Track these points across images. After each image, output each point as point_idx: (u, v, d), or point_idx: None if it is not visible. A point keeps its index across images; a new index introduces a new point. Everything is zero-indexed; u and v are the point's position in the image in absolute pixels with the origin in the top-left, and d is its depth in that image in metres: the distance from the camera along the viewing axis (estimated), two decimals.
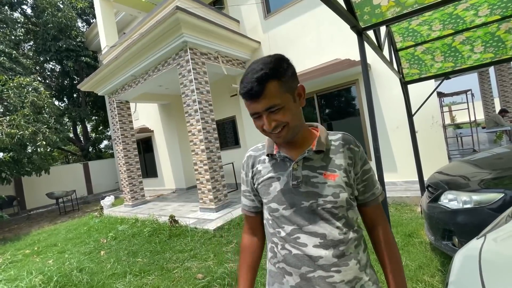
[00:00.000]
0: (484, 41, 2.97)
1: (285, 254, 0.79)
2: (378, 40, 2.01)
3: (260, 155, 0.90)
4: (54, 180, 11.35)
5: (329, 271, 0.74)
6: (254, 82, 0.70)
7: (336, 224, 0.77)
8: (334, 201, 0.76)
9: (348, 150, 0.81)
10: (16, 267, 4.06)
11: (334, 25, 5.43)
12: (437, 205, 2.27)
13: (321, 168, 0.79)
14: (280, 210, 0.80)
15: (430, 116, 4.67)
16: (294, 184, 0.79)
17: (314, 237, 0.76)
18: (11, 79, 8.10)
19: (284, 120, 0.74)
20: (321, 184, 0.77)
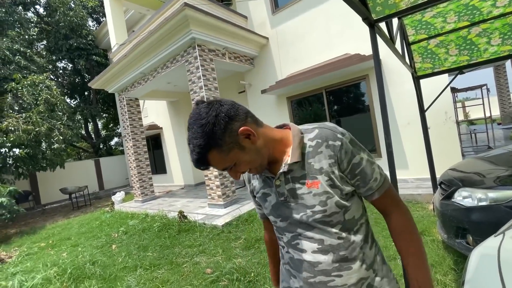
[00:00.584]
0: (502, 33, 2.85)
1: (290, 258, 0.81)
2: (390, 33, 1.96)
3: None
4: (67, 176, 11.66)
5: (329, 276, 0.72)
6: (197, 162, 0.70)
7: (332, 231, 0.73)
8: (323, 209, 0.72)
9: (327, 148, 0.73)
10: (32, 259, 4.20)
11: (344, 19, 5.33)
12: (450, 202, 2.21)
13: (302, 178, 0.74)
14: (278, 222, 0.81)
15: (443, 112, 4.55)
16: (282, 200, 0.77)
17: (312, 242, 0.74)
18: (25, 77, 8.32)
19: (245, 169, 0.74)
20: (306, 194, 0.73)
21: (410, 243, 0.75)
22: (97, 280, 3.07)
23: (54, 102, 8.48)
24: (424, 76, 3.73)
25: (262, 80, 6.79)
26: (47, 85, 8.69)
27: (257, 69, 6.92)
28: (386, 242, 2.87)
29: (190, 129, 0.70)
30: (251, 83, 7.07)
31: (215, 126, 0.67)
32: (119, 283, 2.97)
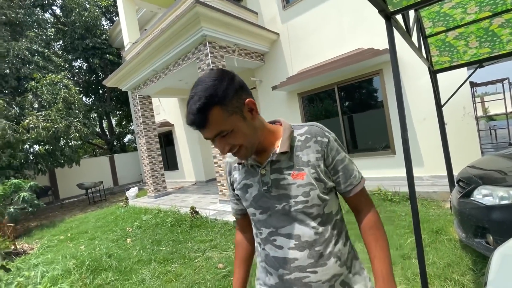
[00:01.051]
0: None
1: (266, 255, 0.81)
2: (407, 25, 1.90)
3: (234, 162, 0.89)
4: (83, 171, 12.06)
5: (305, 272, 0.74)
6: (196, 114, 0.67)
7: (311, 224, 0.76)
8: (305, 200, 0.75)
9: (315, 144, 0.78)
10: (52, 251, 4.39)
11: (356, 13, 5.21)
12: (469, 200, 2.14)
13: (288, 169, 0.77)
14: (257, 215, 0.81)
15: (461, 107, 4.38)
16: (265, 189, 0.78)
17: (289, 239, 0.76)
18: (44, 76, 8.62)
19: (237, 143, 0.72)
20: (290, 185, 0.76)
21: (378, 238, 0.80)
22: (114, 272, 3.18)
23: (72, 100, 8.76)
24: (441, 70, 3.60)
25: (272, 76, 6.75)
26: (65, 84, 8.98)
27: (268, 65, 6.89)
28: (400, 241, 2.82)
29: (201, 83, 0.69)
30: (261, 80, 7.04)
31: (229, 85, 0.69)
32: (134, 275, 3.06)
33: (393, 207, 3.87)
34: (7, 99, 8.09)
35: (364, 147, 5.61)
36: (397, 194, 4.22)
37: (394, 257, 2.52)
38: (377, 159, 5.32)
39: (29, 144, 8.06)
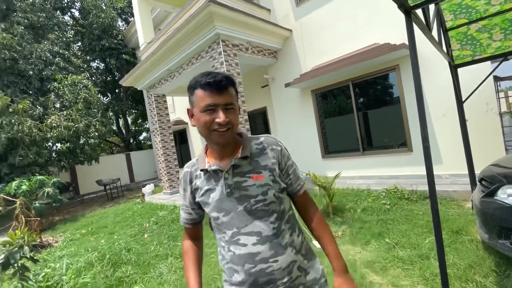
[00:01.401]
0: None
1: (231, 255, 0.88)
2: (427, 19, 1.84)
3: (195, 170, 0.95)
4: (101, 168, 12.51)
5: (268, 263, 0.84)
6: (224, 78, 0.82)
7: (269, 220, 0.87)
8: (263, 199, 0.86)
9: (271, 151, 0.91)
10: (75, 245, 4.61)
11: (372, 7, 5.08)
12: (493, 200, 2.06)
13: (249, 172, 0.88)
14: (220, 218, 0.88)
15: (483, 102, 4.20)
16: (228, 192, 0.87)
17: (251, 236, 0.85)
18: (65, 77, 8.99)
19: (233, 122, 0.84)
20: (250, 186, 0.87)
21: (326, 228, 0.96)
22: (133, 266, 3.30)
23: (91, 100, 9.10)
24: (462, 64, 3.47)
25: (285, 73, 6.71)
26: (85, 85, 9.33)
27: (281, 63, 6.85)
28: (418, 240, 2.75)
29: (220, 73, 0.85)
30: (274, 77, 7.01)
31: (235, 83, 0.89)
32: (152, 269, 3.16)
33: (410, 206, 3.78)
34: (31, 99, 8.49)
35: (379, 144, 5.49)
36: (414, 193, 4.12)
37: (411, 256, 2.48)
38: (393, 156, 5.19)
39: (52, 142, 8.45)
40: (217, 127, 0.81)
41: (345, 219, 3.69)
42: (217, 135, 0.83)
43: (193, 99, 0.85)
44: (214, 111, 0.81)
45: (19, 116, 7.03)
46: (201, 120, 0.82)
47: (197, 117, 0.84)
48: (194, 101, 0.84)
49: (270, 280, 0.84)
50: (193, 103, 0.85)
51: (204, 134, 0.86)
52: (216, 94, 0.80)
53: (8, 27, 8.96)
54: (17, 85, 8.72)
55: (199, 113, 0.82)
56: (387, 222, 3.36)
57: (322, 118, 6.31)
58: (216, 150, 0.91)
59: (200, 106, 0.82)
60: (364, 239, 3.02)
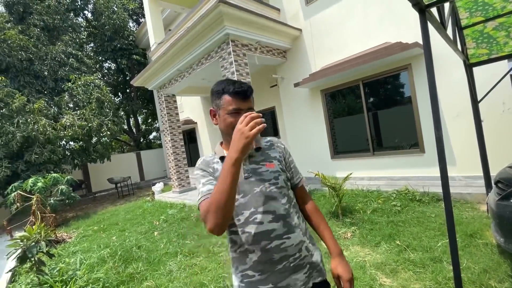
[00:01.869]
0: None
1: (246, 236, 0.95)
2: (442, 18, 1.80)
3: (213, 159, 1.07)
4: (112, 167, 12.77)
5: (282, 239, 0.95)
6: (248, 88, 1.00)
7: (281, 201, 0.99)
8: (276, 182, 1.00)
9: (277, 147, 1.11)
10: (88, 241, 4.73)
11: (383, 5, 5.00)
12: (509, 203, 2.00)
13: (262, 161, 1.04)
14: (239, 199, 0.97)
15: (499, 102, 4.07)
16: (246, 176, 0.99)
17: (267, 214, 0.95)
18: (78, 78, 9.22)
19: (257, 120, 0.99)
20: (264, 172, 1.01)
21: (322, 219, 1.12)
22: (143, 263, 3.36)
23: (104, 100, 9.31)
24: (478, 63, 3.36)
25: (295, 73, 6.68)
26: (97, 85, 9.55)
27: (290, 62, 6.83)
28: (430, 243, 2.70)
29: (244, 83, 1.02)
30: (283, 77, 7.00)
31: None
32: (162, 267, 3.22)
33: (422, 208, 3.70)
34: (46, 99, 8.75)
35: (390, 145, 5.40)
36: (426, 195, 4.03)
37: (423, 259, 2.43)
38: (404, 157, 5.10)
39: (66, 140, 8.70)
40: None
41: (354, 220, 3.65)
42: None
43: (219, 103, 1.00)
44: (238, 114, 0.95)
45: (34, 116, 7.26)
46: (227, 120, 0.98)
47: (222, 118, 1.00)
48: (221, 104, 1.00)
49: (283, 256, 0.95)
50: (219, 106, 1.01)
51: (227, 132, 1.00)
52: (241, 101, 0.98)
53: (24, 29, 9.25)
54: (33, 86, 9.00)
55: (225, 114, 0.98)
56: (397, 224, 3.31)
57: (332, 118, 6.26)
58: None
59: (227, 109, 0.98)
60: (374, 241, 2.98)
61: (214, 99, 1.03)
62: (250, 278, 0.96)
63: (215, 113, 1.04)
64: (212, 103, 1.05)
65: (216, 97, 1.02)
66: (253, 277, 0.96)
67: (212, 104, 1.05)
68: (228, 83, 1.00)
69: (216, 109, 1.03)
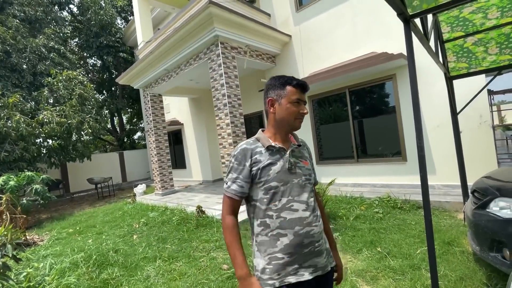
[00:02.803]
0: None
1: (281, 221, 1.06)
2: (425, 29, 1.84)
3: (255, 148, 1.13)
4: (93, 166, 12.29)
5: (311, 226, 1.08)
6: (306, 83, 1.15)
7: (311, 195, 1.15)
8: (309, 178, 1.16)
9: (307, 149, 1.29)
10: (61, 244, 4.47)
11: (371, 16, 5.14)
12: (485, 212, 2.06)
13: (301, 157, 1.19)
14: (279, 187, 1.08)
15: (477, 115, 4.25)
16: (289, 167, 1.11)
17: (302, 203, 1.09)
18: (60, 73, 8.85)
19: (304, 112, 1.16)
20: (302, 167, 1.16)
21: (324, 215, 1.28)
22: (119, 268, 3.20)
23: (87, 96, 8.96)
24: (458, 76, 3.51)
25: None
26: (80, 81, 9.19)
27: (279, 67, 6.86)
28: (409, 250, 2.74)
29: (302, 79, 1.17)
30: None
31: None
32: (139, 272, 3.07)
33: (403, 215, 3.77)
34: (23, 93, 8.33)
35: (373, 152, 5.51)
36: (407, 202, 4.12)
37: (403, 266, 2.46)
38: (387, 165, 5.21)
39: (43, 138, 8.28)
40: (300, 117, 1.13)
41: (337, 226, 3.66)
42: (298, 122, 1.14)
43: (282, 93, 1.12)
44: (299, 104, 1.12)
45: (8, 110, 6.87)
46: (290, 109, 1.11)
47: (284, 106, 1.11)
48: (284, 94, 1.11)
49: (311, 241, 1.07)
50: (281, 95, 1.12)
51: (288, 120, 1.13)
52: (302, 93, 1.13)
53: (3, 20, 8.81)
54: (9, 79, 8.54)
55: (288, 103, 1.11)
56: (379, 231, 3.35)
57: (318, 124, 6.32)
58: (281, 135, 1.16)
59: (290, 99, 1.10)
60: (356, 248, 2.99)
61: (275, 89, 1.14)
62: (278, 260, 1.05)
63: (274, 102, 1.14)
64: (272, 93, 1.15)
65: (278, 88, 1.13)
66: (282, 259, 1.04)
67: (271, 94, 1.15)
68: (289, 77, 1.14)
69: (277, 98, 1.13)
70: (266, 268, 1.06)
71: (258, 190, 1.10)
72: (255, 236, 1.13)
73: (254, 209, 1.12)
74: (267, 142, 1.12)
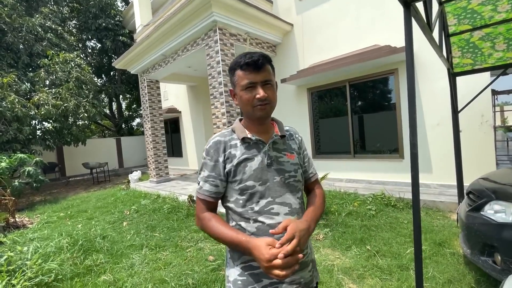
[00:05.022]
0: None
1: (258, 226, 0.90)
2: (428, 19, 1.71)
3: (229, 140, 0.96)
4: (90, 151, 12.24)
5: None
6: (261, 57, 0.89)
7: (296, 195, 0.97)
8: (295, 175, 0.97)
9: (296, 139, 1.07)
10: (50, 228, 4.44)
11: (376, 7, 4.94)
12: (479, 215, 1.98)
13: (284, 150, 0.99)
14: (256, 186, 0.91)
15: (479, 114, 4.13)
16: (269, 163, 0.93)
17: (284, 206, 0.92)
18: (57, 54, 8.64)
19: (272, 97, 0.92)
20: (286, 162, 0.97)
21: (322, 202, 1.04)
22: (105, 255, 3.16)
23: (84, 80, 8.78)
24: (462, 73, 3.36)
25: (283, 69, 6.55)
26: (78, 63, 8.99)
27: (279, 57, 6.68)
28: (399, 250, 2.68)
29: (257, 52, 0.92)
30: None
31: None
32: (124, 260, 3.03)
33: (396, 213, 3.71)
34: (18, 74, 8.15)
35: (371, 149, 5.41)
36: (401, 200, 4.05)
37: (391, 266, 2.40)
38: (384, 162, 5.13)
39: (38, 120, 8.16)
40: (258, 103, 0.89)
41: (328, 222, 3.60)
42: (258, 110, 0.90)
43: (234, 80, 0.93)
44: (253, 88, 0.89)
45: (2, 91, 6.73)
46: (243, 97, 0.91)
47: (239, 95, 0.92)
48: (235, 81, 0.92)
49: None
50: (235, 83, 0.94)
51: (247, 110, 0.93)
52: (254, 73, 0.88)
53: None
54: (4, 59, 8.35)
55: (241, 91, 0.91)
56: (370, 228, 3.28)
57: (317, 118, 6.20)
58: (255, 125, 0.97)
59: (241, 85, 0.90)
60: (345, 244, 2.94)
61: (230, 77, 0.97)
62: (253, 270, 0.90)
63: (234, 92, 0.97)
64: (231, 82, 0.97)
65: (231, 75, 0.95)
66: (257, 268, 0.89)
67: (231, 84, 0.98)
68: (240, 57, 0.91)
69: (233, 87, 0.96)
70: (238, 280, 0.91)
71: (233, 190, 0.93)
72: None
73: (229, 211, 0.97)
74: (242, 134, 0.95)
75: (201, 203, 0.95)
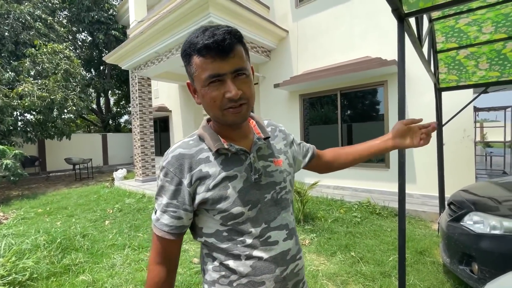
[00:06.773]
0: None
1: (253, 264, 0.67)
2: (419, 34, 1.79)
3: (197, 153, 0.68)
4: (74, 146, 11.84)
5: (296, 260, 0.73)
6: (227, 34, 0.59)
7: (290, 210, 0.77)
8: (285, 186, 0.75)
9: (280, 133, 0.84)
10: (26, 224, 4.25)
11: (369, 19, 5.09)
12: (458, 225, 2.06)
13: (270, 156, 0.75)
14: (245, 213, 0.67)
15: (461, 129, 4.31)
16: (256, 178, 0.69)
17: (281, 230, 0.71)
18: (45, 44, 8.37)
19: (249, 93, 0.64)
20: (274, 172, 0.73)
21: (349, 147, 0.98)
22: (84, 254, 3.06)
23: (73, 72, 8.54)
24: (447, 88, 3.51)
25: (276, 74, 6.61)
26: (67, 55, 8.73)
27: (273, 62, 6.75)
28: (382, 257, 2.73)
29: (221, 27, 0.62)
30: (265, 76, 6.90)
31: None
32: (105, 259, 2.94)
33: (380, 221, 3.79)
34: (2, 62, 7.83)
35: None
36: (385, 209, 4.15)
37: (374, 273, 2.44)
38: (370, 171, 5.24)
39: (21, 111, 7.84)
40: (228, 105, 0.61)
41: (315, 227, 3.63)
42: (232, 114, 0.63)
43: (191, 70, 0.63)
44: (221, 83, 0.61)
45: None
46: (206, 97, 0.62)
47: (200, 93, 0.64)
48: (193, 72, 0.62)
49: (295, 283, 0.73)
50: (192, 75, 0.63)
51: (214, 114, 0.65)
52: (219, 60, 0.59)
53: None
54: None
55: (202, 88, 0.62)
56: (355, 235, 3.34)
57: (307, 124, 6.28)
58: (229, 129, 0.70)
59: (201, 79, 0.61)
60: (331, 250, 2.97)
61: (185, 66, 0.66)
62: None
63: (194, 87, 0.67)
64: (187, 73, 0.67)
65: (186, 62, 0.64)
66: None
67: (187, 74, 0.67)
68: (195, 34, 0.61)
69: (191, 80, 0.66)
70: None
71: (211, 220, 0.68)
72: (208, 285, 0.70)
73: (207, 247, 0.71)
74: (216, 143, 0.67)
75: (157, 241, 0.67)
